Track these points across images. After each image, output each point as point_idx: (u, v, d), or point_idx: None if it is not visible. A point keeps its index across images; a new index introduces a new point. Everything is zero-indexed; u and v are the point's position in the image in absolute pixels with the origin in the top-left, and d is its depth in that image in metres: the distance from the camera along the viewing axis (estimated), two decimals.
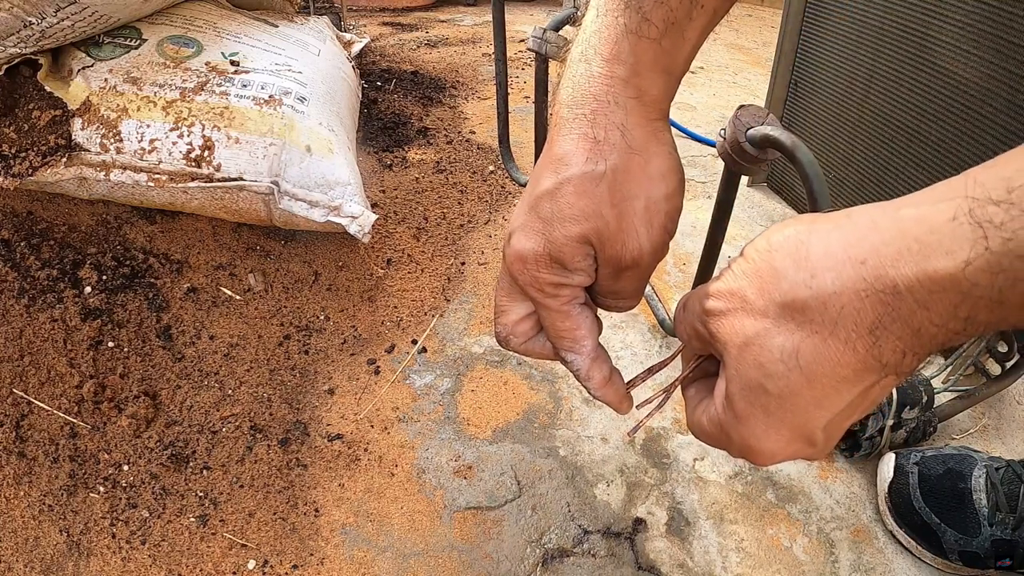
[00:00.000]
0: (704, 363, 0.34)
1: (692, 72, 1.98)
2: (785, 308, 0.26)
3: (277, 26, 1.05)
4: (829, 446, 0.29)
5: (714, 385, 0.32)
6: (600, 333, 0.36)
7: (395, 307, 0.96)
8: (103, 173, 0.83)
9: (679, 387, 0.36)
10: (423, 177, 1.23)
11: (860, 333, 0.25)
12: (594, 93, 0.32)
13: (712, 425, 0.30)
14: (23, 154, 0.80)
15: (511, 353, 0.90)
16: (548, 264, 0.33)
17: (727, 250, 1.12)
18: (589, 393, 0.37)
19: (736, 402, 0.28)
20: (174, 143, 0.84)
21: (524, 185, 0.37)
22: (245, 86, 0.88)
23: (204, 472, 0.73)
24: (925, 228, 0.23)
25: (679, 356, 0.37)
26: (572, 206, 0.32)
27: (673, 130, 1.53)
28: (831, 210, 0.33)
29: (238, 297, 0.90)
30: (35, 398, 0.74)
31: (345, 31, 1.47)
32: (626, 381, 0.38)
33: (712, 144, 1.52)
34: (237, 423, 0.77)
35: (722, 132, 0.54)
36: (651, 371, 0.39)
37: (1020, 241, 0.21)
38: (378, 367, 0.87)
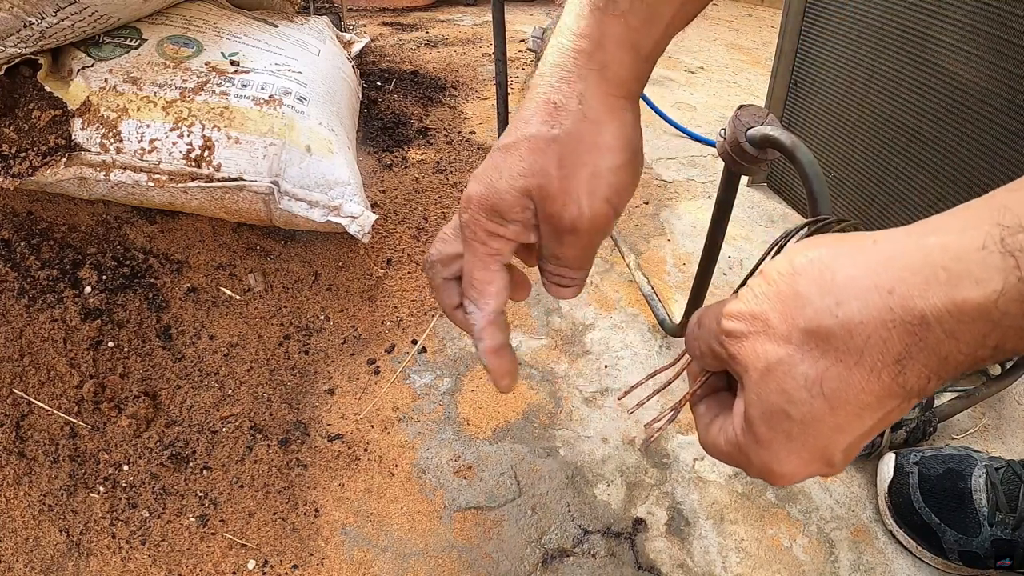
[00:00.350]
0: (712, 379, 0.34)
1: (692, 72, 1.98)
2: (809, 335, 0.26)
3: (277, 26, 1.05)
4: (846, 464, 0.29)
5: (724, 401, 0.33)
6: (506, 301, 0.37)
7: (395, 307, 0.96)
8: (103, 173, 0.83)
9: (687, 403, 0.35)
10: (423, 177, 1.23)
11: (886, 363, 0.24)
12: (561, 63, 0.34)
13: (730, 446, 0.30)
14: (23, 154, 0.80)
15: None
16: (488, 209, 0.34)
17: (727, 250, 1.12)
18: (480, 359, 0.38)
19: (757, 426, 0.28)
20: (174, 143, 0.84)
21: None
22: (245, 86, 0.88)
23: (204, 472, 0.73)
24: (952, 256, 0.23)
25: (684, 370, 0.36)
26: (523, 160, 0.33)
27: (673, 130, 1.53)
28: (837, 218, 0.33)
29: (238, 297, 0.90)
30: (35, 398, 0.74)
31: (345, 31, 1.47)
32: (626, 391, 0.38)
33: (712, 144, 1.52)
34: (237, 423, 0.77)
35: (722, 132, 0.54)
36: (651, 377, 0.39)
37: None
38: (378, 367, 0.87)
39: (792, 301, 0.27)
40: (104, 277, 0.86)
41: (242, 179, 0.85)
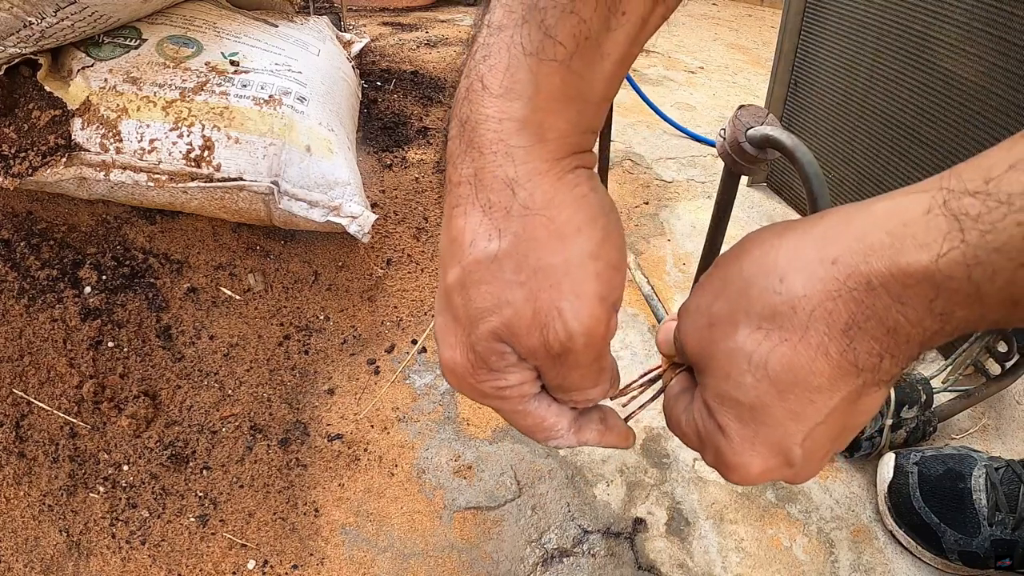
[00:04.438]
0: (685, 371, 0.34)
1: (692, 72, 1.98)
2: (753, 316, 0.25)
3: (277, 26, 1.05)
4: (808, 469, 0.27)
5: (695, 378, 0.32)
6: (575, 408, 0.32)
7: (395, 307, 0.96)
8: (103, 173, 0.83)
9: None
10: (423, 177, 1.23)
11: (833, 335, 0.24)
12: (479, 144, 0.26)
13: (690, 428, 0.30)
14: (23, 154, 0.80)
15: None
16: (478, 371, 0.28)
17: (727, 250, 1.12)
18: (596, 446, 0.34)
19: (713, 412, 0.28)
20: (174, 143, 0.84)
21: None
22: (245, 86, 0.88)
23: (204, 472, 0.73)
24: (898, 221, 0.22)
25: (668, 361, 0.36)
26: (482, 297, 0.26)
27: (673, 130, 1.53)
28: None
29: (238, 297, 0.90)
30: (35, 398, 0.74)
31: (345, 31, 1.47)
32: (620, 389, 0.38)
33: (712, 144, 1.52)
34: (237, 423, 0.77)
35: (722, 132, 0.54)
36: (646, 378, 0.39)
37: (998, 233, 0.20)
38: (378, 367, 0.87)
39: (737, 285, 0.26)
40: (104, 277, 0.86)
41: (242, 179, 0.85)
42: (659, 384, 0.35)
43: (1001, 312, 0.21)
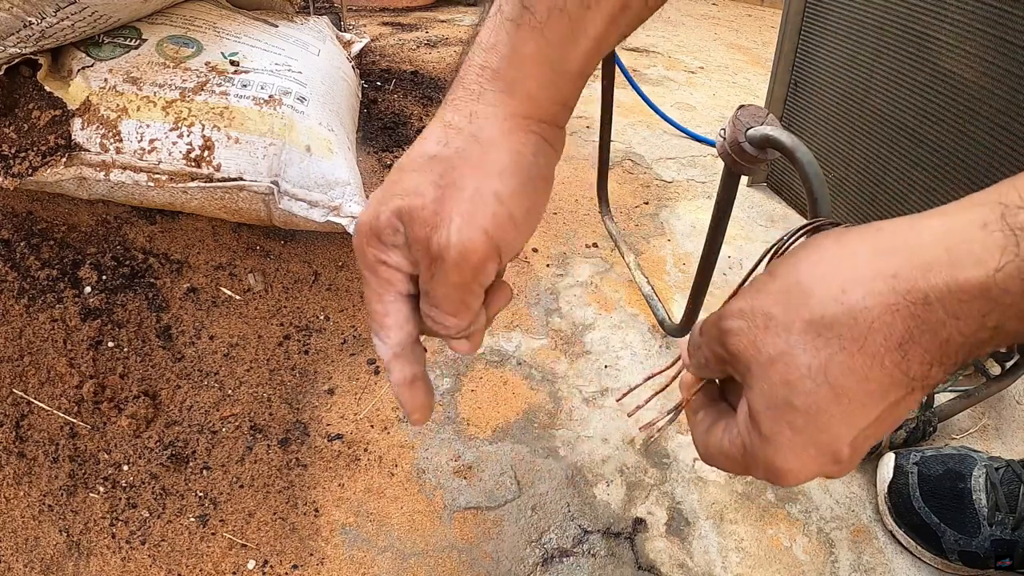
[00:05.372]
0: (706, 387, 0.33)
1: (692, 72, 1.98)
2: (812, 324, 0.26)
3: (277, 26, 1.05)
4: (853, 463, 0.28)
5: (723, 410, 0.32)
6: (415, 339, 0.34)
7: None
8: (103, 173, 0.83)
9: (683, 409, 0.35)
10: None
11: (889, 347, 0.24)
12: (464, 81, 0.32)
13: (735, 448, 0.30)
14: (23, 154, 0.80)
15: (511, 353, 0.90)
16: (370, 234, 0.32)
17: (727, 250, 1.12)
18: (392, 389, 0.36)
19: (762, 422, 0.28)
20: (174, 143, 0.84)
21: None
22: (245, 86, 0.88)
23: (204, 472, 0.73)
24: (956, 237, 0.23)
25: (678, 375, 0.36)
26: (406, 180, 0.31)
27: (673, 130, 1.53)
28: (832, 220, 0.33)
29: (238, 297, 0.90)
30: (35, 398, 0.74)
31: (345, 31, 1.47)
32: (625, 392, 0.38)
33: (712, 144, 1.52)
34: (237, 423, 0.77)
35: (722, 132, 0.54)
36: (649, 379, 0.39)
37: None
38: (378, 367, 0.87)
39: (795, 292, 0.27)
40: (104, 277, 0.86)
41: (242, 179, 0.85)
42: (669, 388, 0.35)
43: None
